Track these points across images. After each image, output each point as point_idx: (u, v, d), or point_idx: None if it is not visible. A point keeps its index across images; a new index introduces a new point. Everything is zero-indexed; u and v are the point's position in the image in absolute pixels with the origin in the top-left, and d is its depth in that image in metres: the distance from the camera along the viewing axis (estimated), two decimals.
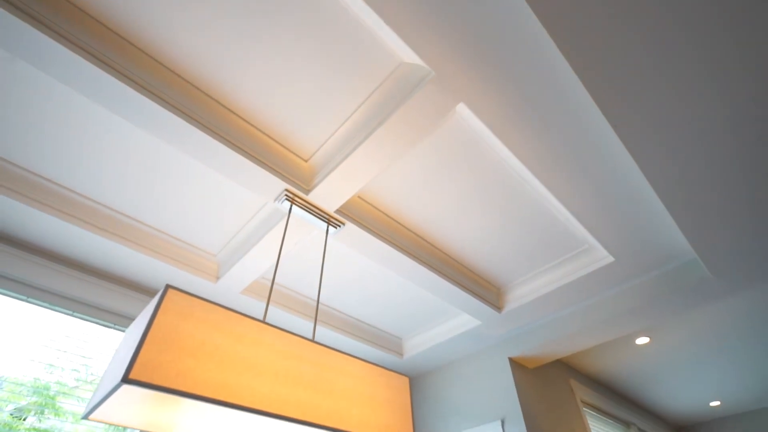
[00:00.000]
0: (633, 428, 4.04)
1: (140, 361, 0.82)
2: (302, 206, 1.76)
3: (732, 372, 3.89)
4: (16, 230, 1.86)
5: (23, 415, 1.80)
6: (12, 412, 1.80)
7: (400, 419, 1.24)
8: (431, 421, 3.05)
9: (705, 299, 2.31)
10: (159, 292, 0.95)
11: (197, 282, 2.21)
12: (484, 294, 2.47)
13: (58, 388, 1.90)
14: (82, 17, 1.27)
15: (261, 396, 0.96)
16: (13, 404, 1.81)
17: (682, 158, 1.49)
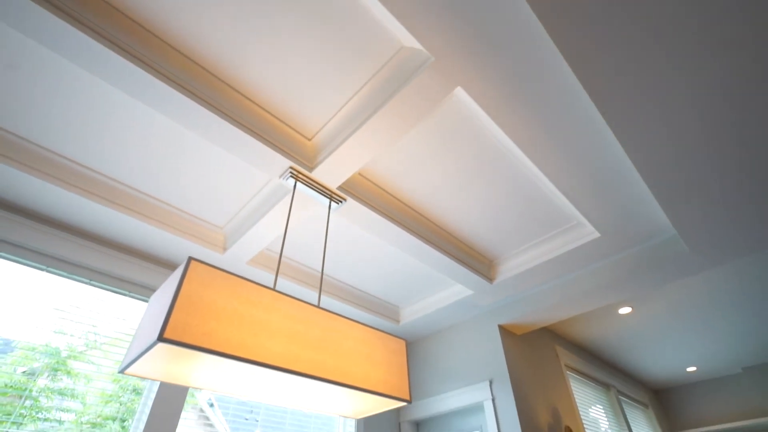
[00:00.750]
0: (612, 390, 4.33)
1: (172, 323, 0.95)
2: (306, 183, 1.85)
3: (708, 340, 4.14)
4: (29, 203, 1.96)
5: (36, 376, 1.91)
6: (26, 372, 1.90)
7: (397, 377, 1.39)
8: (425, 381, 3.28)
9: (684, 272, 2.47)
10: (183, 264, 1.07)
11: (205, 253, 2.33)
12: (476, 266, 2.61)
13: (69, 352, 2.02)
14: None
15: (275, 354, 1.10)
16: (26, 366, 1.92)
17: (663, 143, 1.58)
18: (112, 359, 2.11)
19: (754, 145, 1.58)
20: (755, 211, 1.93)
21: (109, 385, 2.07)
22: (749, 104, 1.43)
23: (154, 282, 2.37)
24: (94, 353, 2.09)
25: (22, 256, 1.98)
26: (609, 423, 3.98)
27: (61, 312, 2.03)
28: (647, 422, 4.91)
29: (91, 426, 1.95)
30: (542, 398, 2.96)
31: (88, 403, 2.00)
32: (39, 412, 1.86)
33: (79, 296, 2.14)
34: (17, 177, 1.80)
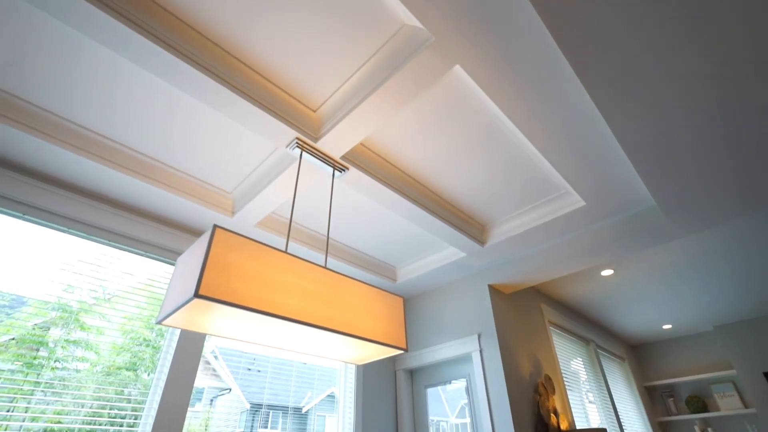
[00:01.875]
0: (592, 345, 4.68)
1: (204, 282, 1.11)
2: (311, 153, 1.97)
3: (683, 300, 4.43)
4: (46, 167, 2.07)
5: (49, 329, 2.01)
6: (39, 324, 2.00)
7: (395, 329, 1.59)
8: (420, 334, 3.56)
9: (661, 239, 2.65)
10: (209, 231, 1.21)
11: (215, 216, 2.47)
12: (469, 230, 2.79)
13: (80, 306, 2.15)
14: None
15: (290, 308, 1.28)
16: (40, 318, 2.02)
17: (645, 121, 1.69)
18: (121, 313, 2.25)
19: (731, 123, 1.70)
20: (728, 185, 2.08)
21: (119, 337, 2.22)
22: (727, 83, 1.54)
23: (165, 242, 2.51)
24: (103, 307, 2.22)
25: (37, 216, 2.10)
26: (587, 375, 4.35)
27: (69, 269, 2.14)
28: (622, 374, 5.34)
29: (105, 374, 2.11)
30: (525, 350, 3.25)
31: (102, 354, 2.15)
32: (56, 361, 2.00)
33: (87, 254, 2.25)
34: (43, 146, 1.90)
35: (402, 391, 3.48)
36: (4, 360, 1.84)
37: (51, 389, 1.90)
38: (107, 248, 2.34)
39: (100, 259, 2.29)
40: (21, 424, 1.78)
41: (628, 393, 5.19)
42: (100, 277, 2.24)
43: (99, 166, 2.03)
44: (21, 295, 1.98)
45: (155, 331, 2.36)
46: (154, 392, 2.18)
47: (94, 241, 2.30)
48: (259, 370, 2.79)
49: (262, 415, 2.70)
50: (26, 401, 1.83)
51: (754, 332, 5.05)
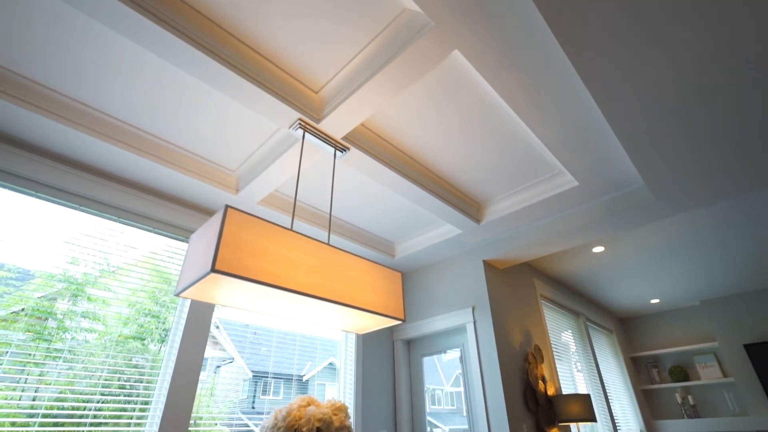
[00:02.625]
0: (582, 318, 4.88)
1: (219, 258, 1.21)
2: (313, 133, 2.03)
3: (671, 276, 4.60)
4: (53, 145, 2.13)
5: (56, 300, 2.07)
6: (46, 296, 2.05)
7: (393, 301, 1.71)
8: (417, 306, 3.73)
9: (650, 218, 2.76)
10: (221, 210, 1.30)
11: (219, 193, 2.56)
12: (466, 208, 2.88)
13: (85, 279, 2.22)
14: None
15: (297, 282, 1.38)
16: (46, 291, 2.07)
17: (635, 107, 1.76)
18: (126, 285, 2.34)
19: (717, 110, 1.77)
20: (713, 168, 2.17)
21: (125, 309, 2.31)
22: (714, 69, 1.60)
23: (169, 217, 2.59)
24: (108, 280, 2.29)
25: (43, 191, 2.15)
26: (576, 345, 4.57)
27: (74, 243, 2.20)
28: (610, 345, 5.58)
29: (114, 344, 2.21)
30: (517, 323, 3.41)
31: (109, 324, 2.23)
32: (65, 332, 2.09)
33: (91, 228, 2.31)
34: (51, 125, 1.96)
35: (399, 361, 3.67)
36: (16, 330, 1.93)
37: (62, 358, 2.01)
38: (112, 223, 2.41)
39: (104, 234, 2.34)
40: (35, 391, 1.90)
41: (614, 363, 5.45)
42: (105, 251, 2.31)
43: (106, 144, 2.09)
44: (28, 268, 2.05)
45: (160, 304, 2.46)
46: (168, 360, 2.33)
47: (98, 216, 2.36)
48: (261, 341, 2.94)
49: (264, 383, 2.87)
50: (39, 369, 1.94)
51: (737, 307, 5.26)
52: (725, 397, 5.20)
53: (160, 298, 2.48)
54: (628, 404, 5.25)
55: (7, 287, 1.96)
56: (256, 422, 2.69)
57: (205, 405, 2.47)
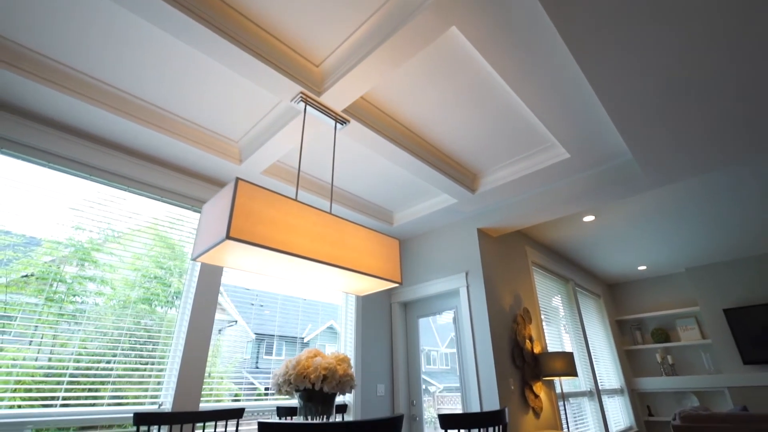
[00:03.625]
0: (571, 283, 5.11)
1: (233, 226, 1.33)
2: (314, 106, 2.10)
3: (658, 244, 4.78)
4: (60, 115, 2.20)
5: (63, 265, 2.13)
6: (53, 261, 2.11)
7: (391, 266, 1.86)
8: (413, 271, 3.91)
9: (638, 189, 2.88)
10: (232, 182, 1.41)
11: (223, 163, 2.65)
12: (461, 179, 2.99)
13: (90, 245, 2.31)
14: None
15: (304, 248, 1.52)
16: (55, 256, 2.14)
17: (623, 84, 1.83)
18: (131, 251, 2.44)
19: (702, 88, 1.85)
20: (698, 141, 2.26)
21: (131, 274, 2.42)
22: (700, 47, 1.67)
23: (174, 185, 2.68)
24: (113, 245, 2.38)
25: (47, 159, 2.21)
26: (564, 309, 4.81)
27: (79, 210, 2.28)
28: (597, 309, 5.86)
29: (122, 307, 2.33)
30: (508, 287, 3.61)
31: (117, 288, 2.34)
32: (74, 295, 2.19)
33: (95, 195, 2.37)
34: (59, 97, 2.02)
35: (396, 322, 3.90)
36: (28, 294, 2.03)
37: (74, 320, 2.13)
38: (116, 190, 2.47)
39: (109, 200, 2.41)
40: (51, 351, 2.03)
41: (600, 325, 5.74)
42: (109, 217, 2.38)
43: (113, 115, 2.16)
44: (34, 235, 2.12)
45: (164, 268, 2.58)
46: (182, 320, 2.51)
47: (103, 184, 2.43)
48: (262, 305, 3.10)
49: (267, 344, 3.07)
50: (53, 330, 2.05)
51: (719, 274, 5.49)
52: (702, 357, 5.54)
53: (165, 264, 2.59)
54: (611, 363, 5.59)
55: (15, 252, 2.05)
56: (260, 380, 2.91)
57: (211, 364, 2.65)
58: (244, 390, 2.80)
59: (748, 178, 3.21)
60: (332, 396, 1.46)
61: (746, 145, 2.29)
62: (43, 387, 1.94)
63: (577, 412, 4.11)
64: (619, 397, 5.38)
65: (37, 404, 1.90)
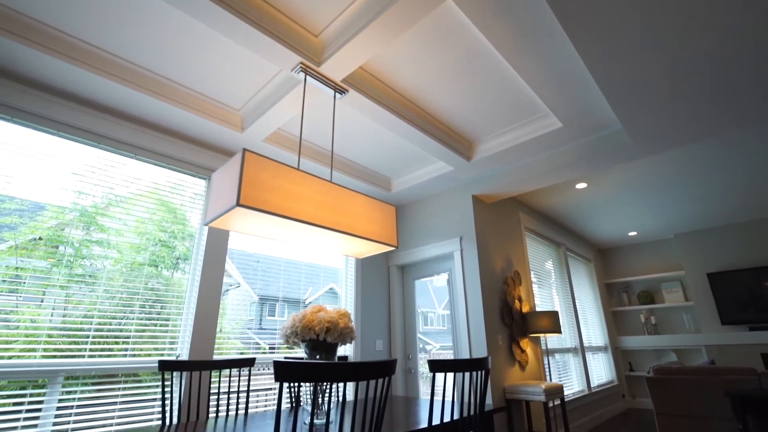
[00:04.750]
0: (562, 248, 5.30)
1: (243, 194, 1.45)
2: (314, 76, 2.16)
3: (648, 211, 4.92)
4: (63, 84, 2.25)
5: (69, 229, 2.19)
6: (59, 225, 2.17)
7: (388, 231, 1.99)
8: (410, 236, 4.07)
9: (628, 158, 2.98)
10: (240, 153, 1.52)
11: (225, 131, 2.72)
12: (457, 147, 3.07)
13: (94, 210, 2.38)
14: None
15: (307, 214, 1.64)
16: (59, 221, 2.19)
17: (613, 56, 1.89)
18: (134, 215, 2.53)
19: (689, 60, 1.91)
20: (686, 112, 2.34)
21: (135, 238, 2.52)
22: (689, 19, 1.72)
23: (176, 152, 2.76)
24: (117, 210, 2.45)
25: (50, 126, 2.27)
26: (555, 272, 5.03)
27: (81, 175, 2.33)
28: (587, 272, 6.10)
29: (129, 270, 2.45)
30: (500, 251, 3.78)
31: (124, 252, 2.44)
32: (83, 259, 2.28)
33: (97, 161, 2.43)
34: (62, 66, 2.07)
35: (394, 283, 4.10)
36: (38, 257, 2.13)
37: (86, 282, 2.26)
38: (119, 156, 2.53)
39: (110, 166, 2.46)
40: (64, 310, 2.17)
41: (589, 288, 6.01)
42: (110, 182, 2.45)
43: (116, 84, 2.22)
44: (39, 200, 2.19)
45: (168, 233, 2.69)
46: (193, 282, 2.68)
47: (104, 150, 2.47)
48: (265, 269, 3.25)
49: (269, 306, 3.25)
50: (65, 292, 2.17)
51: (706, 240, 5.68)
52: (683, 318, 5.84)
53: (168, 228, 2.69)
54: (598, 323, 5.90)
55: (21, 218, 2.13)
56: (264, 339, 3.12)
57: (218, 323, 2.83)
58: (251, 348, 3.02)
59: (732, 151, 3.30)
60: (335, 346, 1.64)
61: (726, 119, 2.37)
62: (71, 341, 2.13)
63: (561, 367, 4.42)
64: (603, 354, 5.73)
65: (67, 356, 2.10)
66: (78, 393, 2.09)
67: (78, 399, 2.08)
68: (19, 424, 1.90)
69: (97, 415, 2.12)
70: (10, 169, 2.13)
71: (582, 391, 4.63)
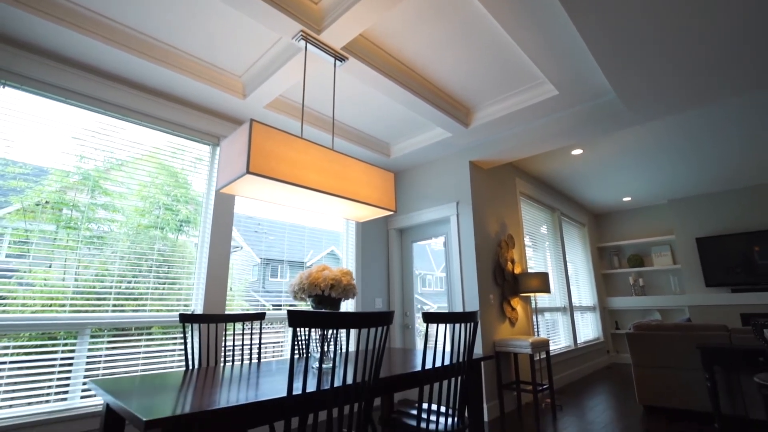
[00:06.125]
0: (557, 212, 5.45)
1: (252, 162, 1.56)
2: (314, 44, 2.20)
3: (643, 177, 5.02)
4: (64, 49, 2.29)
5: (74, 193, 2.24)
6: (63, 189, 2.22)
7: (387, 196, 2.12)
8: (408, 201, 4.20)
9: (624, 125, 3.05)
10: (247, 124, 1.61)
11: (227, 98, 2.77)
12: (455, 113, 3.13)
13: (97, 173, 2.44)
14: None
15: (311, 180, 1.76)
16: (62, 184, 2.25)
17: (605, 21, 1.93)
18: (136, 179, 2.60)
19: (686, 28, 1.95)
20: (678, 81, 2.39)
21: (139, 202, 2.60)
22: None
23: (179, 118, 2.82)
24: (119, 174, 2.51)
25: (52, 92, 2.31)
26: (549, 236, 5.21)
27: (82, 139, 2.37)
28: (580, 236, 6.29)
29: (135, 233, 2.55)
30: (495, 215, 3.92)
31: (129, 215, 2.53)
32: (90, 222, 2.37)
33: (98, 125, 2.48)
34: (66, 33, 2.11)
35: (393, 246, 4.28)
36: (46, 221, 2.21)
37: (92, 245, 2.37)
38: (120, 122, 2.58)
39: (110, 130, 2.51)
40: (75, 272, 2.30)
41: (582, 251, 6.22)
42: (111, 146, 2.50)
43: (119, 51, 2.26)
44: (41, 165, 2.24)
45: (171, 197, 2.77)
46: (203, 242, 2.83)
47: (105, 115, 2.52)
48: (266, 232, 3.37)
49: (272, 268, 3.41)
50: (74, 254, 2.28)
51: (698, 205, 5.82)
52: (670, 280, 6.10)
53: (171, 193, 2.78)
54: (588, 284, 6.16)
55: (26, 182, 2.19)
56: (268, 299, 3.30)
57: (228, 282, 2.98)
58: (256, 308, 3.22)
59: (728, 117, 3.36)
60: (338, 300, 1.81)
61: (718, 87, 2.42)
62: (97, 299, 2.31)
63: (551, 325, 4.70)
64: (591, 314, 6.03)
65: (93, 310, 2.28)
66: (105, 344, 2.29)
67: (105, 349, 2.29)
68: (56, 370, 2.12)
69: (123, 362, 2.34)
70: (11, 134, 2.18)
71: (569, 346, 4.94)
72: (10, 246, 2.10)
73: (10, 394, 1.98)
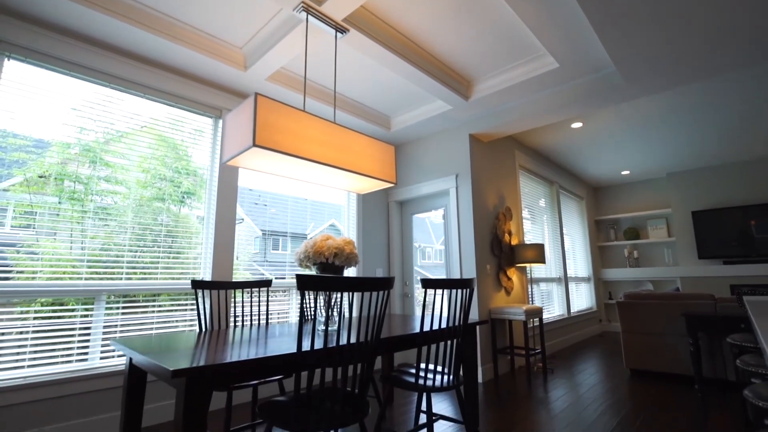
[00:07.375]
0: (555, 185, 5.50)
1: (257, 135, 1.62)
2: (315, 15, 2.20)
3: (642, 151, 5.05)
4: (66, 21, 2.29)
5: (76, 165, 2.26)
6: (64, 161, 2.23)
7: (387, 168, 2.18)
8: (408, 174, 4.26)
9: (623, 98, 3.06)
10: (252, 98, 1.65)
11: (228, 70, 2.78)
12: (456, 86, 3.14)
13: (97, 146, 2.46)
14: None
15: (315, 154, 1.82)
16: (63, 157, 2.26)
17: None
18: (136, 150, 2.63)
19: (673, 8, 1.95)
20: (676, 54, 2.40)
21: (141, 174, 2.63)
22: None
23: (180, 90, 2.84)
24: (119, 146, 2.53)
25: (52, 63, 2.33)
26: (547, 208, 5.29)
27: (82, 110, 2.39)
28: (578, 209, 6.37)
29: (137, 205, 2.60)
30: (494, 188, 3.99)
31: (131, 188, 2.56)
32: (94, 194, 2.41)
33: (96, 96, 2.48)
34: (69, 5, 2.10)
35: (393, 218, 4.37)
36: (52, 194, 2.24)
37: (97, 216, 2.42)
38: (121, 94, 2.58)
39: (108, 101, 2.51)
40: (82, 243, 2.36)
41: (579, 224, 6.32)
42: (110, 118, 2.51)
43: (122, 23, 2.26)
44: (42, 137, 2.25)
45: (173, 169, 2.81)
46: (209, 214, 2.91)
47: (104, 86, 2.53)
48: (266, 205, 3.43)
49: (273, 240, 3.49)
50: (80, 225, 2.34)
51: (696, 179, 5.87)
52: (664, 252, 6.23)
53: (172, 165, 2.81)
54: (584, 256, 6.30)
55: (28, 154, 2.20)
56: (269, 270, 3.40)
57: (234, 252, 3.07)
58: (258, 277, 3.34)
59: (728, 92, 3.36)
60: (341, 268, 1.91)
61: (715, 62, 2.44)
62: (108, 267, 2.41)
63: (546, 295, 4.85)
64: (586, 284, 6.20)
65: (107, 278, 2.39)
66: (120, 310, 2.42)
67: (121, 314, 2.42)
68: (76, 333, 2.25)
69: (137, 325, 2.47)
70: (13, 106, 2.19)
71: (562, 315, 5.12)
72: (14, 218, 2.15)
73: (38, 354, 2.12)
